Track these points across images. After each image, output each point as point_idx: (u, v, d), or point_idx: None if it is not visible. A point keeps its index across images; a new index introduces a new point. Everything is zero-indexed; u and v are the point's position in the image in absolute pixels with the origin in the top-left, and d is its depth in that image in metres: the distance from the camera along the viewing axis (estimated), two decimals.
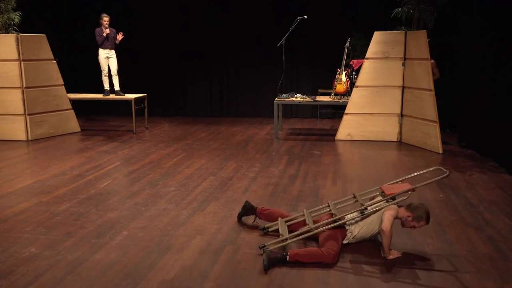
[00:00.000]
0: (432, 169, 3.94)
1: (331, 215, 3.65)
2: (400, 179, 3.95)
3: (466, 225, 4.07)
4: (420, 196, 4.84)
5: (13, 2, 7.89)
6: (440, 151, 6.88)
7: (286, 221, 3.83)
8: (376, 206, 3.56)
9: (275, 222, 3.86)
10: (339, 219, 3.55)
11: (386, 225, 3.36)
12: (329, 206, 3.84)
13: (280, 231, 3.64)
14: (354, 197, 3.88)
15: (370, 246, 3.65)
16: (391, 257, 3.40)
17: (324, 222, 3.59)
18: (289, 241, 3.54)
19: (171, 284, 3.04)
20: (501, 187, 5.21)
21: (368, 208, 3.56)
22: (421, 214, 3.46)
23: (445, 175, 3.55)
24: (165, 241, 3.72)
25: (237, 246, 3.62)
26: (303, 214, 3.84)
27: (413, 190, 3.54)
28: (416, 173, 3.93)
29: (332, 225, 3.53)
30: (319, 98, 8.43)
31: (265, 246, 3.47)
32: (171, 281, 3.08)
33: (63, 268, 3.25)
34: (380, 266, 3.32)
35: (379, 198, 3.68)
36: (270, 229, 3.85)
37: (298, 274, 3.19)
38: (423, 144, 7.20)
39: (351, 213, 3.59)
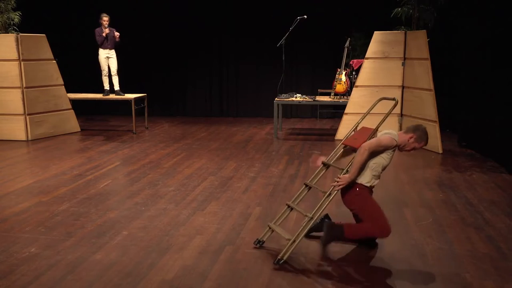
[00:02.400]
0: (377, 101, 3.90)
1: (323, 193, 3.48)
2: (353, 127, 3.88)
3: (466, 225, 4.07)
4: (420, 196, 4.85)
5: (13, 2, 7.90)
6: (440, 151, 6.88)
7: (275, 223, 3.63)
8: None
9: (267, 230, 3.65)
10: (330, 193, 3.40)
11: (367, 144, 3.31)
12: (307, 186, 3.69)
13: (284, 235, 3.41)
14: (325, 165, 3.71)
15: (370, 246, 3.65)
16: (341, 183, 3.34)
17: (321, 203, 3.40)
18: (297, 242, 3.31)
19: (171, 284, 3.04)
20: (501, 187, 5.21)
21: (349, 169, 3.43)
22: (421, 135, 3.41)
23: (394, 103, 3.59)
24: (165, 241, 3.72)
25: (237, 246, 3.62)
26: (289, 207, 3.66)
27: (376, 130, 3.52)
28: (365, 113, 3.92)
29: (331, 198, 3.37)
30: (319, 98, 8.44)
31: (280, 260, 3.27)
32: (171, 281, 3.08)
33: (63, 268, 3.25)
34: (380, 266, 3.32)
35: (353, 154, 3.55)
36: (265, 239, 3.63)
37: (298, 274, 3.19)
38: None
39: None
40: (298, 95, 8.31)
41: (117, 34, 8.31)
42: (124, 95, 8.62)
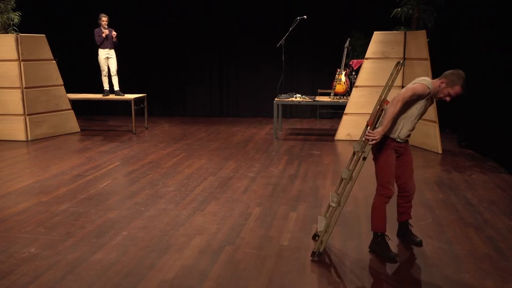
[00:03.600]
0: (394, 68, 3.52)
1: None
2: (377, 103, 3.50)
3: (466, 225, 4.07)
4: (420, 196, 4.85)
5: (12, 2, 7.89)
6: (440, 151, 6.88)
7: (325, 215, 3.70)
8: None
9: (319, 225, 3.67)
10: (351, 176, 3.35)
11: (401, 95, 3.15)
12: (342, 180, 3.59)
13: (318, 229, 3.54)
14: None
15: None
16: (372, 138, 3.19)
17: (345, 190, 3.36)
18: (329, 232, 3.37)
19: (171, 284, 3.04)
20: (501, 187, 5.21)
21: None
22: (454, 79, 3.23)
23: (398, 67, 3.37)
24: (164, 241, 3.72)
25: (237, 246, 3.62)
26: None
27: (386, 102, 3.32)
28: (386, 85, 3.54)
29: (353, 182, 3.31)
30: (318, 98, 8.44)
31: (315, 253, 3.38)
32: (171, 281, 3.08)
33: (63, 268, 3.26)
34: (381, 266, 3.32)
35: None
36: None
37: (298, 274, 3.19)
38: (422, 144, 7.20)
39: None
40: (298, 95, 8.31)
41: (114, 33, 8.32)
42: (123, 95, 8.62)
